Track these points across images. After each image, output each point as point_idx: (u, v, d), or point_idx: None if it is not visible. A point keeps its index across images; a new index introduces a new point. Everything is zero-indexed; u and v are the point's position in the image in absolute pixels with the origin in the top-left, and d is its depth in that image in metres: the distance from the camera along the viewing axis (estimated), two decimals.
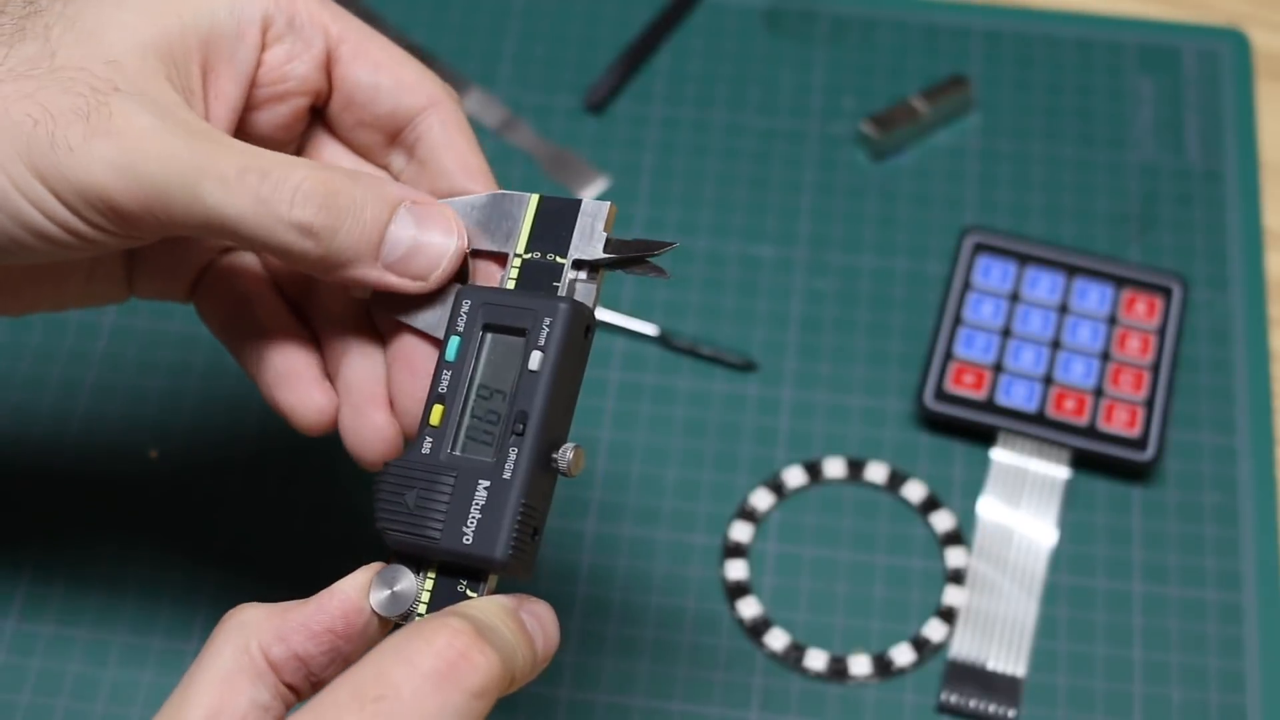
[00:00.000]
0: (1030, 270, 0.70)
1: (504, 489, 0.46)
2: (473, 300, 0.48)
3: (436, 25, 0.80)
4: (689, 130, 0.77)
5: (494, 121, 0.77)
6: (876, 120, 0.75)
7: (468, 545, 0.45)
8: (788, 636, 0.64)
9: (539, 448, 0.46)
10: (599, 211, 0.48)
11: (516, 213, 0.49)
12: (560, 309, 0.47)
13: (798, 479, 0.67)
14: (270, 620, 0.45)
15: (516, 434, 0.46)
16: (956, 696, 0.62)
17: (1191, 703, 0.62)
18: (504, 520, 0.45)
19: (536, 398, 0.46)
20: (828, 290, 0.72)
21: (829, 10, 0.80)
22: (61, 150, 0.45)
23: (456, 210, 0.49)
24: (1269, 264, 0.73)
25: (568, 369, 0.47)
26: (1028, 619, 0.64)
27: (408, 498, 0.46)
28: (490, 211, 0.49)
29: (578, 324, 0.47)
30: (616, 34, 0.79)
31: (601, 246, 0.48)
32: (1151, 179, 0.75)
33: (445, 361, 0.48)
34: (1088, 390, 0.68)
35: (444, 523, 0.46)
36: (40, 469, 0.67)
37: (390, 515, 0.46)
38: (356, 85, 0.51)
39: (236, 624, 0.45)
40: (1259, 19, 0.80)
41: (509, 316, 0.47)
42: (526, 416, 0.46)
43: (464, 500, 0.46)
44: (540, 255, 0.48)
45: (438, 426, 0.47)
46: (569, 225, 0.48)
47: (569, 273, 0.48)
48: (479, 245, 0.49)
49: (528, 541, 0.46)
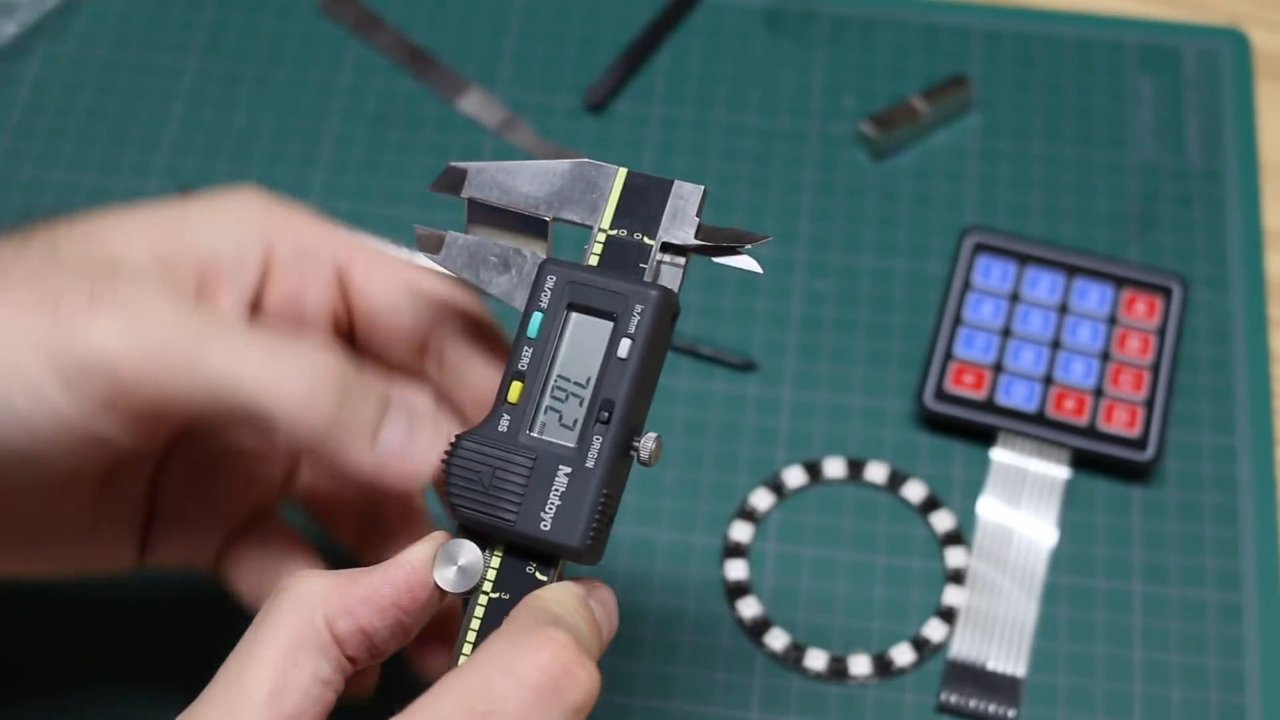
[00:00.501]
0: (1030, 270, 0.70)
1: (586, 477, 0.45)
2: (558, 276, 0.47)
3: (436, 25, 0.80)
4: (689, 130, 0.77)
5: (494, 121, 0.77)
6: (876, 120, 0.75)
7: (545, 531, 0.45)
8: (788, 636, 0.64)
9: (622, 436, 0.46)
10: (692, 194, 0.47)
11: (603, 184, 0.48)
12: (651, 296, 0.46)
13: (798, 479, 0.67)
14: (336, 592, 0.44)
15: (601, 421, 0.45)
16: (956, 696, 0.62)
17: (1191, 703, 0.62)
18: (584, 509, 0.45)
19: (624, 386, 0.45)
20: (828, 290, 0.72)
21: (829, 10, 0.80)
22: (64, 321, 0.45)
23: (537, 175, 0.48)
24: (1269, 264, 0.73)
25: (653, 357, 0.46)
26: (1027, 619, 0.64)
27: (482, 475, 0.45)
28: (573, 179, 0.48)
29: (666, 311, 0.46)
30: (616, 34, 0.79)
31: (693, 232, 0.47)
32: (1151, 179, 0.75)
33: (526, 338, 0.46)
34: (1088, 390, 0.68)
35: (520, 505, 0.45)
36: None
37: (462, 491, 0.45)
38: (374, 304, 0.52)
39: (297, 594, 0.43)
40: (1259, 19, 0.80)
41: (596, 298, 0.46)
42: (612, 405, 0.45)
43: (543, 485, 0.45)
44: (626, 233, 0.47)
45: (516, 404, 0.46)
46: (658, 205, 0.47)
47: (656, 255, 0.47)
48: (560, 215, 0.48)
49: (604, 530, 0.46)
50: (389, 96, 0.77)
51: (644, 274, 0.47)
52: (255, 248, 0.50)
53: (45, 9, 0.79)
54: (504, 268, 0.48)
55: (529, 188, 0.49)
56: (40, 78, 0.78)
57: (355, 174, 0.75)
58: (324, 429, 0.47)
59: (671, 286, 0.47)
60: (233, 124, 0.77)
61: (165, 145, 0.76)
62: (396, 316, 0.52)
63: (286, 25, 0.80)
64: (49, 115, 0.77)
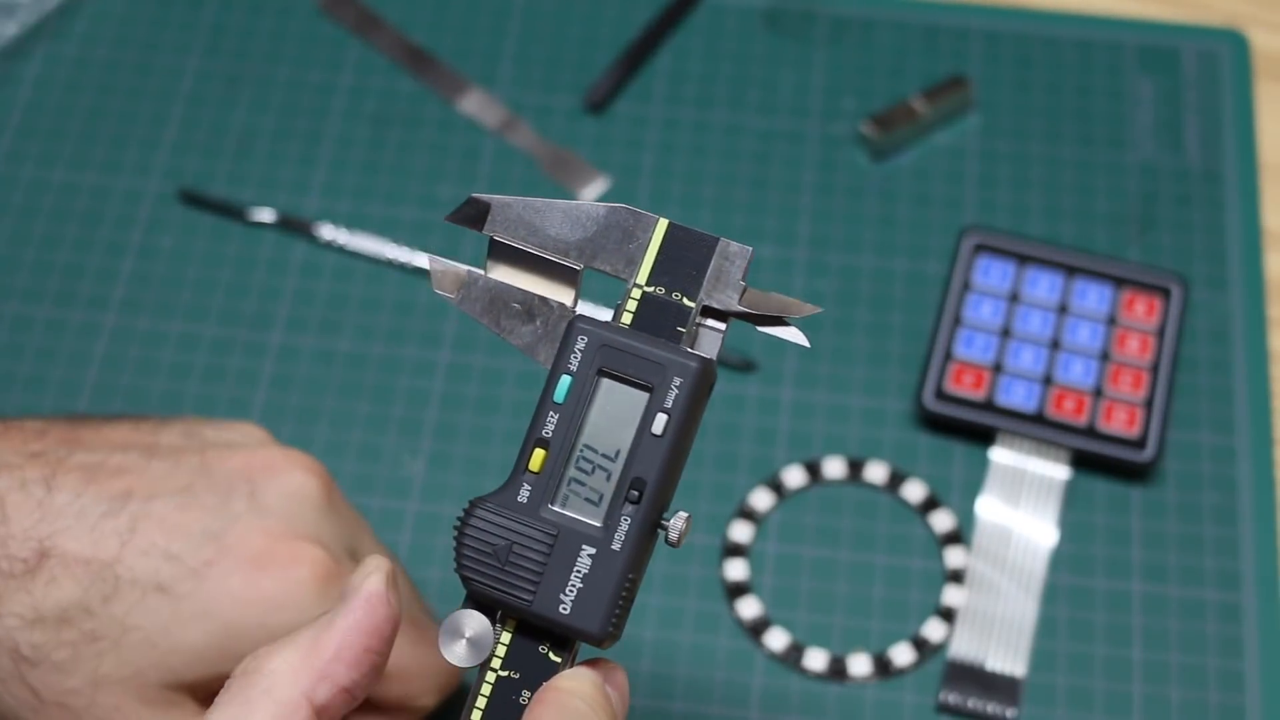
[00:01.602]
0: (1030, 270, 0.70)
1: (611, 560, 0.42)
2: (590, 338, 0.43)
3: (436, 25, 0.80)
4: (689, 130, 0.77)
5: (494, 121, 0.77)
6: (876, 120, 0.75)
7: (565, 615, 0.42)
8: (788, 636, 0.64)
9: (652, 517, 0.43)
10: (739, 256, 0.44)
11: (640, 235, 0.44)
12: (691, 369, 0.43)
13: (797, 479, 0.67)
14: (306, 662, 0.42)
15: (631, 501, 0.43)
16: (956, 696, 0.62)
17: (1191, 702, 0.62)
18: (609, 595, 0.42)
19: (657, 465, 0.43)
20: (828, 290, 0.72)
21: (829, 10, 0.80)
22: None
23: (569, 217, 0.45)
24: (1268, 264, 0.73)
25: (688, 432, 0.43)
26: (1027, 619, 0.64)
27: (498, 548, 0.43)
28: (608, 226, 0.45)
29: (705, 384, 0.43)
30: (616, 34, 0.79)
31: (738, 297, 0.44)
32: (1151, 179, 0.75)
33: (553, 402, 0.43)
34: (1087, 390, 0.68)
35: (538, 584, 0.42)
36: None
37: (475, 562, 0.43)
38: None
39: (265, 677, 0.42)
40: (1259, 19, 0.80)
41: (631, 366, 0.43)
42: (644, 484, 0.43)
43: (564, 565, 0.42)
44: (664, 292, 0.44)
45: (538, 474, 0.43)
46: (701, 264, 0.44)
47: (696, 320, 0.44)
48: (593, 265, 0.45)
49: (625, 614, 0.43)
50: (389, 96, 0.78)
51: (681, 338, 0.44)
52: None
53: (46, 9, 0.79)
54: (528, 318, 0.45)
55: (559, 230, 0.45)
56: (41, 78, 0.78)
57: (355, 174, 0.75)
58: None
59: (710, 355, 0.44)
60: (233, 124, 0.77)
61: (165, 145, 0.76)
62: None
63: (286, 25, 0.80)
64: (50, 115, 0.77)
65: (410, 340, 0.71)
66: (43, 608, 0.49)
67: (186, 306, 0.71)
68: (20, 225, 0.74)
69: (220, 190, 0.75)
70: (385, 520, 0.66)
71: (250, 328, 0.71)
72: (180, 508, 0.51)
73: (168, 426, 0.54)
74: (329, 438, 0.68)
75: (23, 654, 0.49)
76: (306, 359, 0.70)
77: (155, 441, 0.53)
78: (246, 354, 0.70)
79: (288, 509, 0.52)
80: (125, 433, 0.53)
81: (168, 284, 0.72)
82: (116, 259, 0.73)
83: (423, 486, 0.66)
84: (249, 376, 0.69)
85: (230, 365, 0.70)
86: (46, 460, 0.51)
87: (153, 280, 0.72)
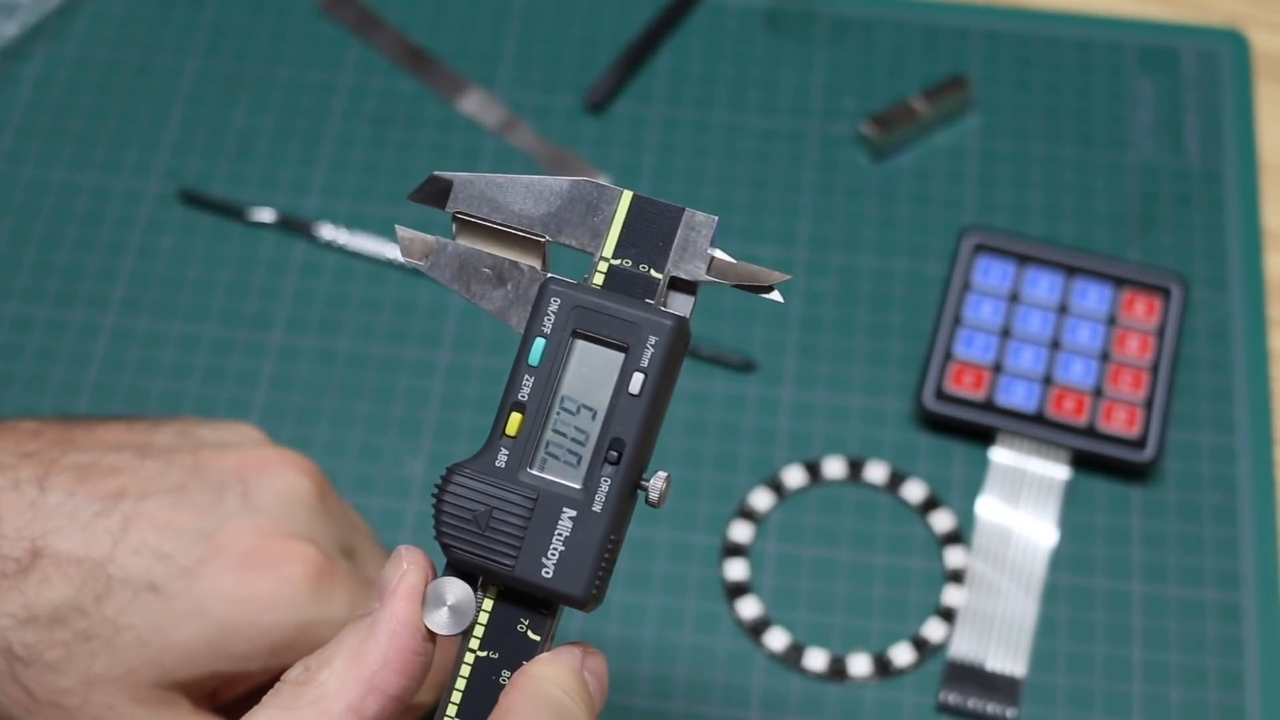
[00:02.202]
0: (1030, 270, 0.70)
1: (593, 522, 0.42)
2: (563, 299, 0.43)
3: (436, 25, 0.80)
4: (689, 130, 0.77)
5: (494, 121, 0.77)
6: (876, 120, 0.75)
7: (548, 579, 0.42)
8: (788, 636, 0.64)
9: (632, 478, 0.43)
10: (705, 225, 0.44)
11: (605, 208, 0.44)
12: (666, 326, 0.43)
13: (797, 479, 0.67)
14: (353, 675, 0.41)
15: (610, 462, 0.42)
16: (956, 696, 0.62)
17: (1191, 702, 0.62)
18: (591, 557, 0.42)
19: (636, 424, 0.42)
20: (828, 290, 0.72)
21: (829, 10, 0.80)
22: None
23: (532, 192, 0.45)
24: (1268, 264, 0.73)
25: (665, 391, 0.43)
26: (1027, 619, 0.64)
27: (478, 514, 0.42)
28: (571, 200, 0.44)
29: (680, 342, 0.43)
30: (616, 34, 0.79)
31: (705, 267, 0.44)
32: (1151, 179, 0.75)
33: (527, 365, 0.43)
34: (1087, 390, 0.68)
35: (519, 549, 0.42)
36: None
37: (455, 529, 0.43)
38: None
39: (317, 698, 0.41)
40: (1259, 19, 0.80)
41: (605, 326, 0.43)
42: (623, 444, 0.42)
43: (545, 528, 0.42)
44: (631, 264, 0.44)
45: (515, 438, 0.43)
46: (667, 235, 0.44)
47: (665, 290, 0.44)
48: (558, 239, 0.44)
49: (608, 576, 0.43)
50: (389, 96, 0.78)
51: (655, 292, 0.44)
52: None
53: (46, 10, 0.79)
54: (499, 281, 0.45)
55: (522, 205, 0.45)
56: (41, 78, 0.78)
57: (355, 174, 0.75)
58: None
59: (684, 314, 0.44)
60: (233, 124, 0.77)
61: (165, 145, 0.76)
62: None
63: (286, 25, 0.80)
64: (50, 115, 0.77)
65: (410, 340, 0.71)
66: (35, 607, 0.49)
67: (186, 307, 0.71)
68: (20, 225, 0.74)
69: (220, 190, 0.75)
70: (385, 520, 0.65)
71: (250, 328, 0.71)
72: (173, 507, 0.51)
73: (162, 427, 0.54)
74: (329, 438, 0.68)
75: (16, 653, 0.49)
76: (306, 359, 0.70)
77: (149, 441, 0.53)
78: (246, 354, 0.70)
79: (280, 508, 0.52)
80: (119, 433, 0.53)
81: (168, 284, 0.72)
82: (116, 259, 0.73)
83: (423, 486, 0.66)
84: (249, 377, 0.69)
85: (230, 365, 0.70)
86: (40, 460, 0.51)
87: (153, 280, 0.72)
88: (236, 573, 0.51)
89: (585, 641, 0.43)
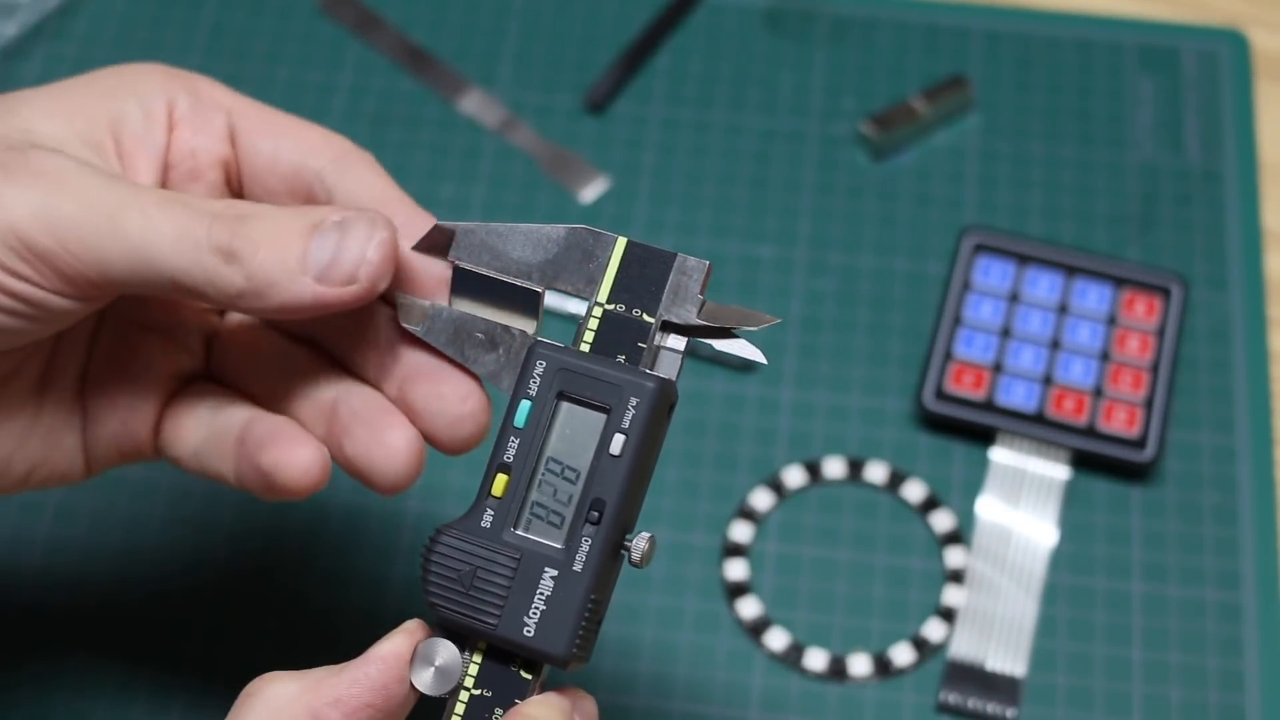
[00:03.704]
0: (1030, 270, 0.70)
1: (573, 582, 0.43)
2: (548, 362, 0.44)
3: (436, 25, 0.80)
4: (689, 130, 0.77)
5: (494, 121, 0.77)
6: (876, 120, 0.75)
7: (529, 638, 0.43)
8: (788, 636, 0.64)
9: (613, 538, 0.43)
10: (696, 270, 0.45)
11: (600, 254, 0.45)
12: (648, 388, 0.43)
13: (797, 479, 0.67)
14: (305, 695, 0.42)
15: (591, 522, 0.43)
16: (956, 696, 0.62)
17: (1191, 702, 0.62)
18: (571, 616, 0.43)
19: (616, 485, 0.43)
20: (828, 290, 0.72)
21: (829, 10, 0.80)
22: None
23: (530, 240, 0.46)
24: (1268, 264, 0.73)
25: (648, 452, 0.44)
26: (1027, 619, 0.64)
27: (463, 574, 0.43)
28: (569, 247, 0.46)
29: (663, 405, 0.44)
30: (616, 34, 0.79)
31: (696, 310, 0.45)
32: (1151, 179, 0.75)
33: (513, 427, 0.44)
34: (1087, 390, 0.68)
35: (503, 608, 0.43)
36: None
37: (441, 589, 0.44)
38: (259, 153, 0.50)
39: (265, 700, 0.42)
40: (1259, 19, 0.80)
41: (589, 388, 0.44)
42: (604, 505, 0.43)
43: (527, 587, 0.43)
44: (624, 309, 0.45)
45: (501, 499, 0.44)
46: (659, 280, 0.45)
47: (656, 337, 0.45)
48: (554, 286, 0.46)
49: (591, 636, 0.44)
50: (389, 96, 0.78)
51: (641, 358, 0.44)
52: (160, 108, 0.50)
53: (46, 9, 0.79)
54: (491, 346, 0.46)
55: (521, 253, 0.46)
56: (41, 78, 0.78)
57: None
58: (247, 283, 0.45)
59: (669, 376, 0.45)
60: None
61: None
62: (277, 163, 0.50)
63: (286, 25, 0.80)
64: None
65: None
66: None
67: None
68: None
69: None
70: (385, 520, 0.65)
71: None
72: None
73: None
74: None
75: None
76: None
77: None
78: None
79: None
80: None
81: None
82: None
83: (422, 486, 0.66)
84: None
85: None
86: None
87: None
88: None
89: (578, 687, 0.44)
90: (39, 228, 0.44)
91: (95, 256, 0.45)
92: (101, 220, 0.44)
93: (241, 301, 0.46)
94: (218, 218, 0.45)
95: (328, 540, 0.65)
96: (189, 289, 0.45)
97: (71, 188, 0.45)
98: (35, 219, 0.44)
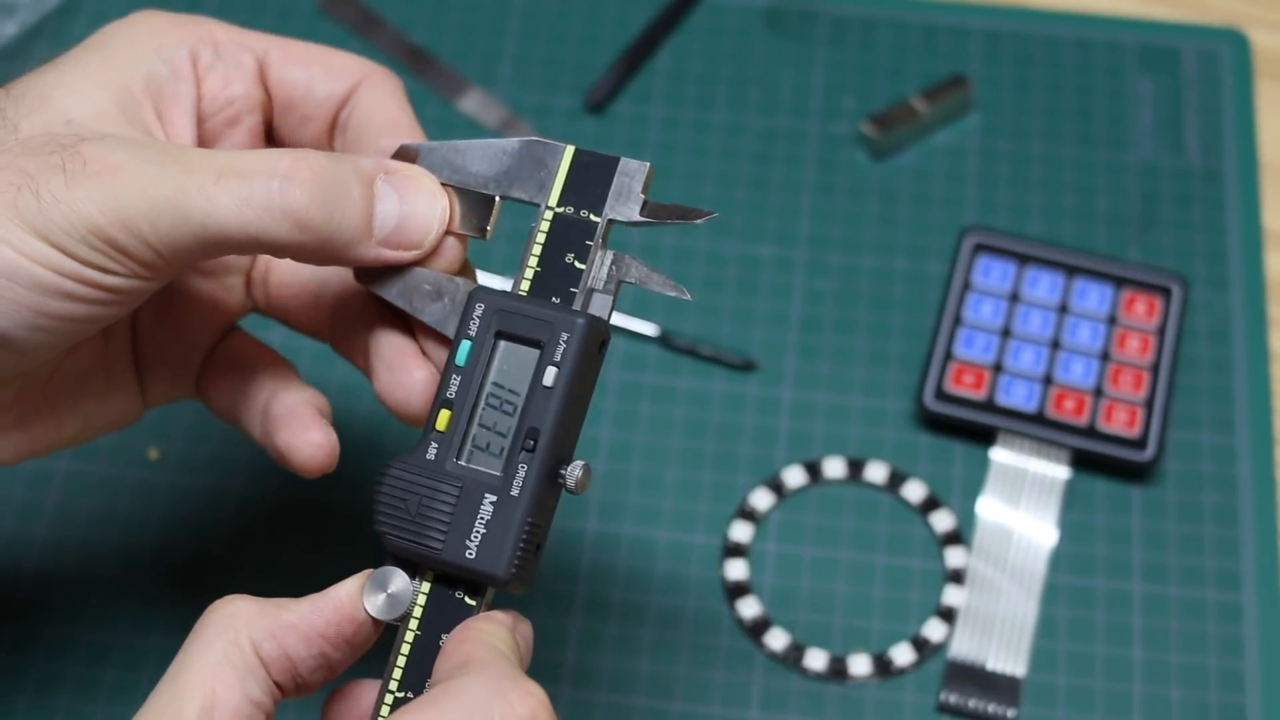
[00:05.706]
0: (1030, 270, 0.70)
1: (511, 506, 0.45)
2: (486, 305, 0.47)
3: (436, 25, 0.80)
4: (689, 130, 0.77)
5: (494, 121, 0.77)
6: (876, 120, 0.75)
7: (470, 560, 0.45)
8: (788, 636, 0.64)
9: (548, 465, 0.46)
10: (638, 171, 0.48)
11: (550, 163, 0.49)
12: (577, 324, 0.46)
13: (798, 479, 0.67)
14: (263, 616, 0.45)
15: (527, 450, 0.46)
16: (956, 696, 0.62)
17: (1191, 703, 0.62)
18: (509, 537, 0.45)
19: (549, 414, 0.46)
20: (828, 290, 0.72)
21: (829, 10, 0.80)
22: (49, 204, 0.45)
23: (487, 154, 0.49)
24: (1269, 264, 0.73)
25: (581, 385, 0.47)
26: (1027, 619, 0.64)
27: (409, 503, 0.46)
28: (522, 158, 0.49)
29: (593, 340, 0.46)
30: (616, 34, 0.79)
31: (638, 209, 0.48)
32: (1151, 179, 0.75)
33: (455, 366, 0.47)
34: (1087, 390, 0.68)
35: (446, 534, 0.46)
36: (41, 469, 0.67)
37: (390, 519, 0.46)
38: (292, 84, 0.52)
39: (226, 615, 0.45)
40: (1259, 19, 0.80)
41: (523, 326, 0.47)
42: (538, 433, 0.46)
43: (468, 513, 0.46)
44: (574, 210, 0.48)
45: (444, 432, 0.47)
46: (605, 183, 0.48)
47: (596, 253, 0.47)
48: (509, 193, 0.49)
49: (531, 558, 0.46)
50: None
51: (575, 299, 0.47)
52: (185, 62, 0.51)
53: (45, 9, 0.79)
54: (437, 296, 0.48)
55: (479, 166, 0.49)
56: None
57: None
58: (321, 246, 0.47)
59: (601, 314, 0.47)
60: None
61: None
62: (310, 92, 0.52)
63: (286, 25, 0.80)
64: None
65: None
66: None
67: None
68: None
69: None
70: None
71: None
72: None
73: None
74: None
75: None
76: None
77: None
78: None
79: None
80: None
81: None
82: None
83: None
84: None
85: None
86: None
87: None
88: None
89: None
90: (112, 223, 0.45)
91: (167, 242, 0.46)
92: (165, 208, 0.46)
93: (310, 259, 0.48)
94: (284, 185, 0.46)
95: (328, 541, 0.65)
96: (258, 249, 0.47)
97: (131, 179, 0.46)
98: (103, 214, 0.45)
